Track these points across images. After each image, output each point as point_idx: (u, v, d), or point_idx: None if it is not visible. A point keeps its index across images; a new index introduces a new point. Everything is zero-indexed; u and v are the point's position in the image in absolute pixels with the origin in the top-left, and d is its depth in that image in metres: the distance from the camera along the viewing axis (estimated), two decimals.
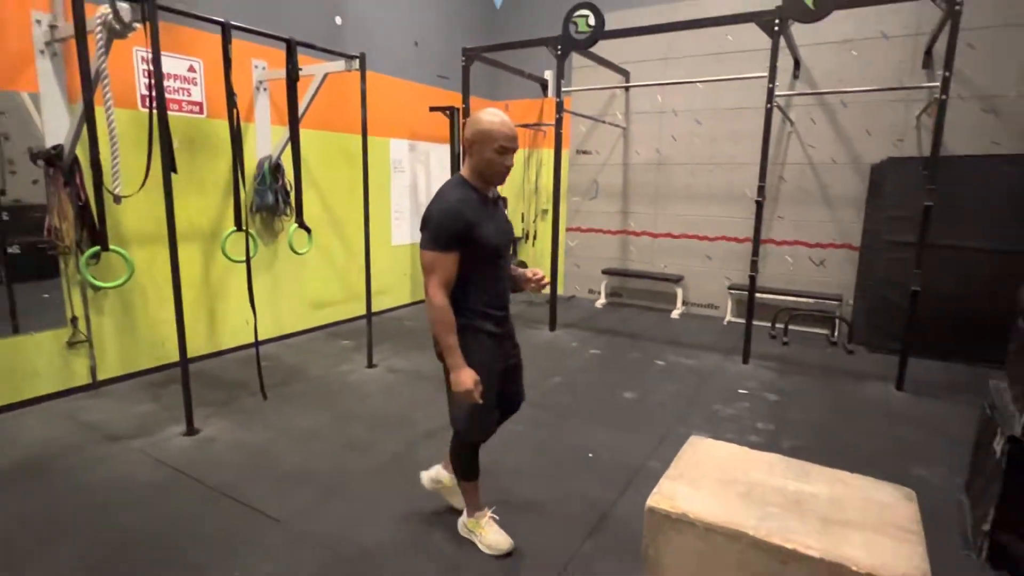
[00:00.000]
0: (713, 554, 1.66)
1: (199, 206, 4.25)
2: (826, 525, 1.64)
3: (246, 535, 2.30)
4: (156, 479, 2.71)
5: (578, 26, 4.70)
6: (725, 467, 1.96)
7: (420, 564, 2.16)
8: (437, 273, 1.86)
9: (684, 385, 4.10)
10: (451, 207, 1.85)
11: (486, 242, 1.90)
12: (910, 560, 1.51)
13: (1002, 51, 4.68)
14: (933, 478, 2.87)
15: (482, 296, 1.97)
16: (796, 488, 1.83)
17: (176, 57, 3.99)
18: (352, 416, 3.48)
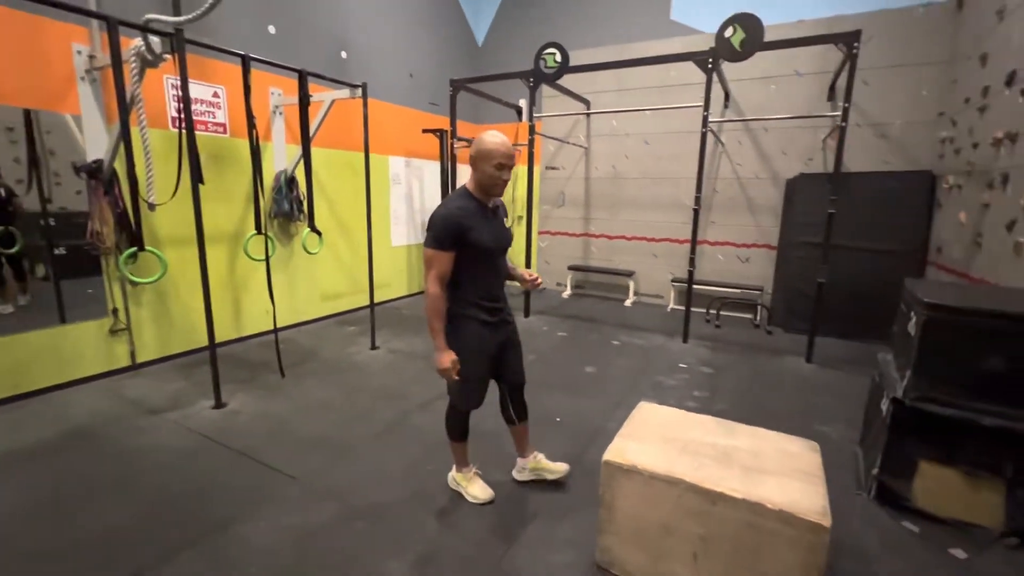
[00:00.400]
0: (656, 496, 1.70)
1: (224, 213, 4.15)
2: (747, 472, 1.70)
3: (268, 491, 2.28)
4: (189, 445, 2.66)
5: (547, 62, 4.70)
6: (668, 427, 2.01)
7: (418, 512, 2.16)
8: (434, 267, 1.89)
9: (635, 360, 4.16)
10: (450, 213, 1.87)
11: (480, 244, 1.90)
12: (812, 499, 1.57)
13: (890, 87, 4.81)
14: (833, 434, 2.96)
15: (476, 290, 1.97)
16: (724, 443, 1.88)
17: (202, 84, 3.88)
18: (358, 390, 3.45)
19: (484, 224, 1.93)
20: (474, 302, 1.97)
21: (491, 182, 1.90)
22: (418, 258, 6.59)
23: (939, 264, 4.23)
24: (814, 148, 5.25)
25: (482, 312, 1.99)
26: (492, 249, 1.95)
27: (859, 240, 4.71)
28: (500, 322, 2.07)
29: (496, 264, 2.02)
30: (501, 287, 2.08)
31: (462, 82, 5.34)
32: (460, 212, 1.88)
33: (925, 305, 2.06)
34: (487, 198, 1.97)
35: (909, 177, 4.62)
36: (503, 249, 2.02)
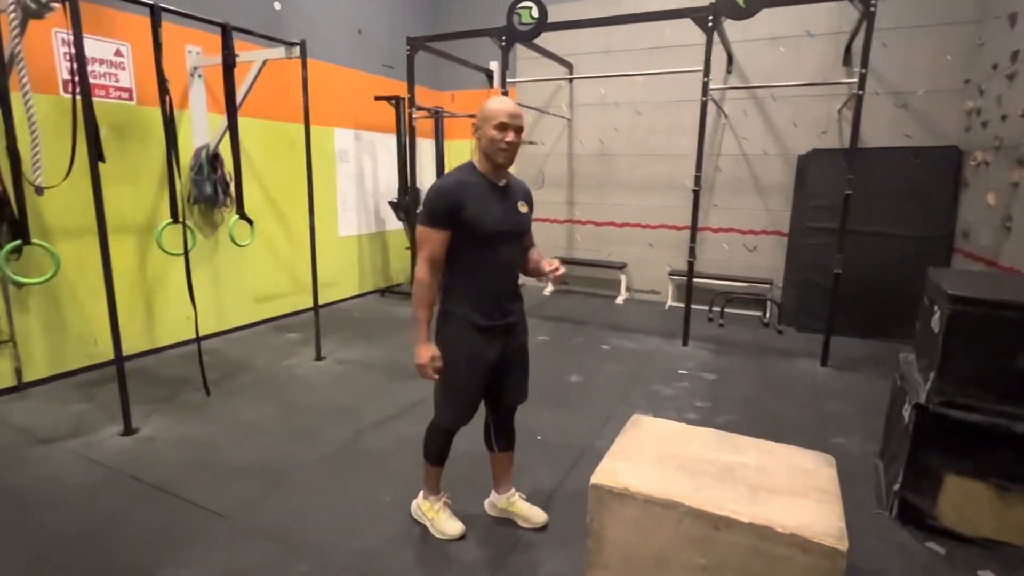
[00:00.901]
0: (652, 523, 1.73)
1: (132, 197, 4.02)
2: (754, 492, 1.73)
3: (189, 531, 2.22)
4: (91, 480, 2.57)
5: (522, 17, 4.69)
6: (663, 443, 2.04)
7: (373, 550, 2.14)
8: (425, 248, 1.90)
9: (627, 367, 4.21)
10: (445, 185, 1.88)
11: (478, 226, 1.87)
12: (828, 519, 1.61)
13: (912, 50, 4.98)
14: (851, 445, 3.06)
15: (471, 283, 1.94)
16: (727, 459, 1.92)
17: (101, 40, 3.74)
18: (299, 408, 3.40)
19: (487, 203, 1.90)
20: (468, 298, 1.95)
21: (493, 146, 1.87)
22: (371, 251, 6.52)
23: (966, 251, 4.40)
24: (829, 120, 5.40)
25: (476, 312, 1.95)
26: (493, 233, 1.90)
27: (879, 225, 4.87)
28: (502, 328, 2.00)
29: (500, 254, 1.95)
30: (508, 283, 2.01)
31: (421, 40, 5.30)
32: (457, 185, 1.88)
33: (949, 298, 2.15)
34: (495, 173, 1.95)
35: (934, 153, 4.80)
36: (512, 236, 1.97)
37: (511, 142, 1.87)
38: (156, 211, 4.15)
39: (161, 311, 4.29)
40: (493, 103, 1.88)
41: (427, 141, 6.68)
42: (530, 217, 2.05)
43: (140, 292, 4.15)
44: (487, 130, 1.87)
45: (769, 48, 5.51)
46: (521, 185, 2.07)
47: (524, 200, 2.03)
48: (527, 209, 2.03)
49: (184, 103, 4.32)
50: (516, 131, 1.88)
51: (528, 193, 2.09)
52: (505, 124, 1.85)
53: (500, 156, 1.88)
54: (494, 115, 1.86)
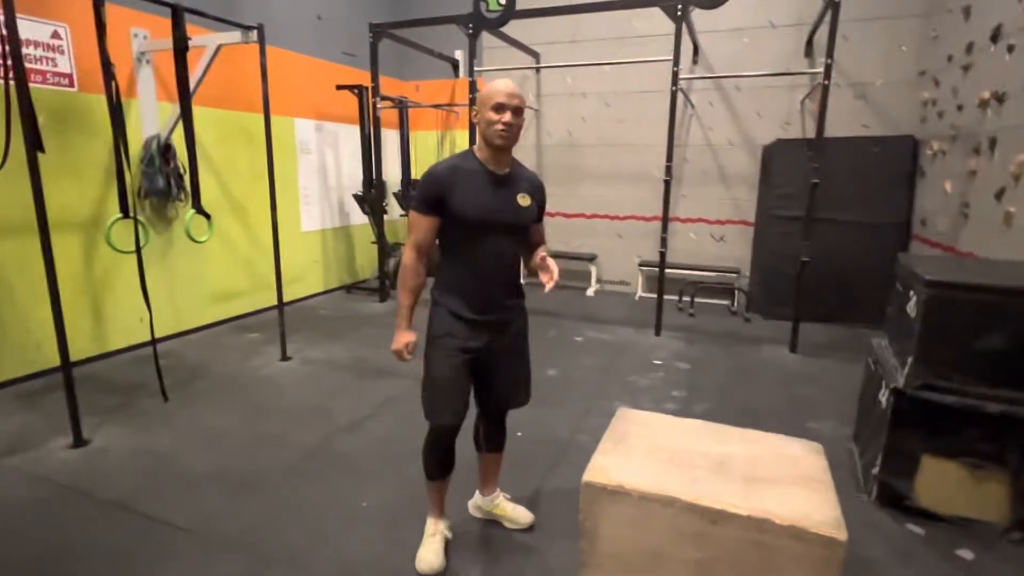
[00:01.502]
0: (648, 520, 1.68)
1: (76, 191, 3.74)
2: (748, 483, 1.70)
3: (151, 550, 2.06)
4: (39, 498, 2.37)
5: (488, 4, 4.58)
6: (653, 436, 1.99)
7: (349, 557, 2.03)
8: (413, 233, 1.87)
9: (602, 359, 4.19)
10: (436, 170, 1.82)
11: (462, 215, 1.79)
12: (823, 508, 1.59)
13: (868, 42, 5.09)
14: (824, 429, 3.10)
15: (459, 273, 1.88)
16: (718, 451, 1.89)
17: (36, 21, 3.45)
18: (265, 411, 3.23)
19: (478, 191, 1.81)
20: (455, 288, 1.89)
21: (490, 130, 1.77)
22: (336, 246, 6.31)
23: (923, 238, 4.54)
24: (791, 110, 5.48)
25: (462, 303, 1.88)
26: (478, 223, 1.81)
27: (838, 213, 4.97)
28: (491, 323, 1.90)
29: (490, 245, 1.85)
30: (500, 277, 1.91)
31: (385, 27, 5.13)
32: (449, 171, 1.81)
33: (926, 283, 2.17)
34: (496, 160, 1.85)
35: (891, 142, 4.93)
36: (505, 229, 1.85)
37: (509, 123, 1.76)
38: (103, 206, 3.88)
39: (111, 313, 4.02)
40: (490, 84, 1.81)
41: (392, 132, 6.49)
42: (533, 211, 1.91)
43: (87, 293, 3.88)
44: (485, 112, 1.79)
45: (733, 39, 5.55)
46: (529, 177, 1.96)
47: (529, 192, 1.91)
48: (529, 202, 1.89)
49: (131, 91, 4.04)
50: (515, 112, 1.77)
51: (538, 186, 1.97)
52: (502, 104, 1.75)
53: (497, 139, 1.78)
54: (491, 95, 1.77)
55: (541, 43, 6.19)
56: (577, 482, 1.70)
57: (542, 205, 1.99)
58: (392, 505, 2.35)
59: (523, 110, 1.81)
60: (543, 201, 1.99)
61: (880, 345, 2.74)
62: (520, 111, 1.79)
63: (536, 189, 1.95)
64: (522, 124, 1.82)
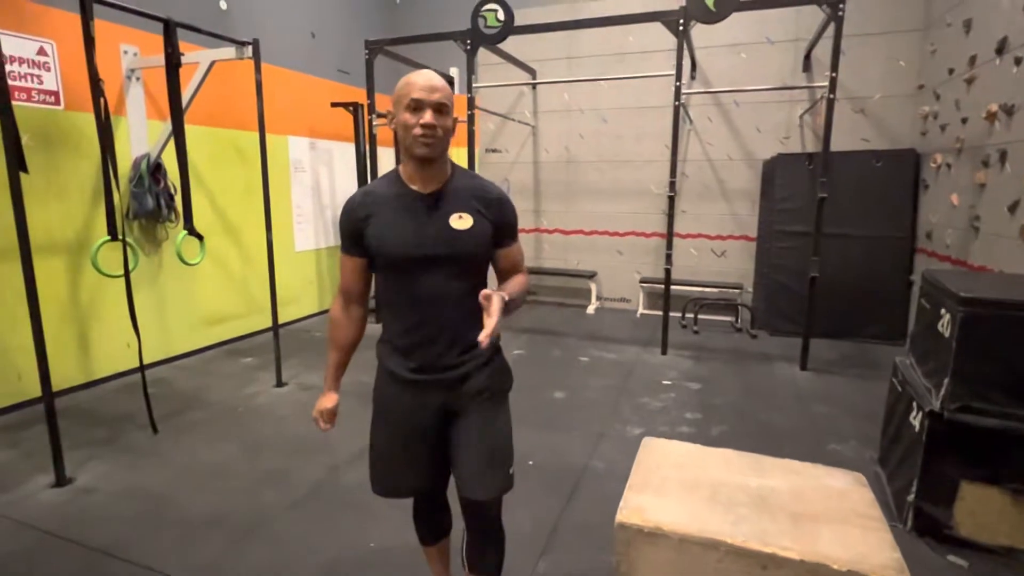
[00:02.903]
0: (690, 565, 1.55)
1: (61, 213, 3.59)
2: (796, 521, 1.59)
3: None
4: (19, 547, 2.18)
5: (487, 20, 4.52)
6: (684, 468, 1.87)
7: None
8: (341, 277, 1.57)
9: (610, 380, 4.07)
10: (350, 200, 1.48)
11: (381, 251, 1.43)
12: (881, 549, 1.48)
13: (865, 57, 5.10)
14: (847, 451, 3.00)
15: (393, 323, 1.52)
16: (757, 484, 1.77)
17: (20, 37, 3.32)
18: (264, 444, 3.07)
19: (396, 218, 1.42)
20: (391, 342, 1.53)
21: (408, 135, 1.35)
22: (331, 266, 6.16)
23: (930, 251, 4.50)
24: (790, 125, 5.47)
25: (399, 360, 1.50)
26: (402, 259, 1.42)
27: (841, 227, 4.93)
28: (438, 383, 1.49)
29: (424, 285, 1.43)
30: (443, 324, 1.46)
31: (381, 44, 5.05)
32: (362, 199, 1.46)
33: (962, 300, 2.08)
34: (421, 176, 1.42)
35: (892, 156, 4.91)
36: (437, 262, 1.42)
37: (430, 123, 1.33)
38: (90, 228, 3.73)
39: (97, 339, 3.84)
40: (405, 80, 1.38)
41: (387, 150, 6.40)
42: (479, 234, 1.44)
43: (72, 319, 3.70)
44: (399, 114, 1.37)
45: (731, 54, 5.55)
46: (477, 189, 1.48)
47: (469, 209, 1.44)
48: (471, 223, 1.42)
49: (120, 109, 3.91)
50: (437, 109, 1.34)
51: (493, 199, 1.48)
52: (419, 101, 1.33)
53: (418, 147, 1.35)
54: (404, 92, 1.35)
55: (538, 59, 6.15)
56: (596, 515, 1.59)
57: (503, 222, 1.50)
58: (401, 546, 2.20)
59: (450, 108, 1.38)
60: (503, 217, 1.50)
61: (906, 364, 2.65)
62: (445, 108, 1.36)
63: (489, 203, 1.47)
64: (451, 127, 1.39)
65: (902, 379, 2.60)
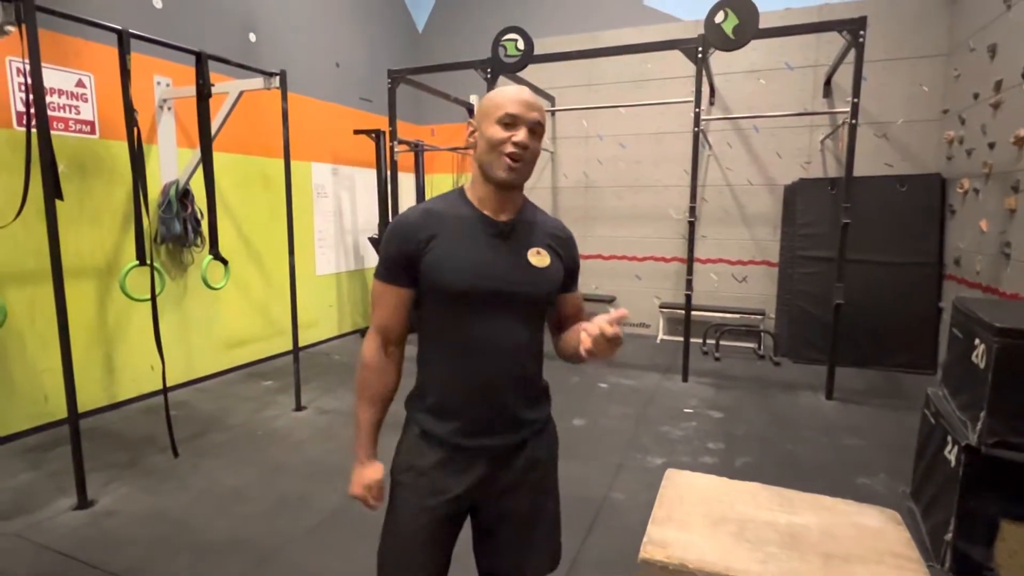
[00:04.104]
0: None
1: (92, 238, 3.69)
2: (828, 562, 1.53)
3: None
4: (39, 570, 2.19)
5: (507, 50, 4.61)
6: (709, 502, 1.82)
7: None
8: (376, 313, 1.26)
9: (630, 407, 4.00)
10: (404, 218, 1.23)
11: (446, 282, 1.18)
12: None
13: (890, 82, 5.08)
14: (877, 486, 2.90)
15: (441, 372, 1.24)
16: (786, 521, 1.71)
17: (61, 70, 3.47)
18: (283, 468, 3.06)
19: (468, 245, 1.19)
20: (435, 397, 1.25)
21: (492, 155, 1.17)
22: (351, 289, 6.22)
23: (959, 278, 4.39)
24: (811, 150, 5.44)
25: (444, 420, 1.23)
26: (470, 293, 1.18)
27: (867, 253, 4.85)
28: (486, 451, 1.24)
29: (491, 328, 1.21)
30: (510, 377, 1.24)
31: (403, 73, 5.17)
32: (424, 218, 1.21)
33: (997, 331, 2.02)
34: (497, 201, 1.23)
35: (917, 181, 4.85)
36: (513, 301, 1.21)
37: (523, 144, 1.16)
38: (118, 253, 3.82)
39: (121, 361, 3.91)
40: (498, 91, 1.21)
41: (407, 176, 6.50)
42: (555, 274, 1.27)
43: (98, 341, 3.78)
44: (487, 128, 1.18)
45: (750, 80, 5.56)
46: (551, 226, 1.32)
47: (545, 246, 1.26)
48: (549, 261, 1.25)
49: (152, 137, 4.04)
50: (532, 130, 1.18)
51: (565, 239, 1.33)
52: (516, 117, 1.16)
53: (503, 170, 1.17)
54: (498, 104, 1.17)
55: (556, 87, 6.24)
56: (616, 550, 1.54)
57: (574, 265, 1.36)
58: None
59: (543, 130, 1.21)
60: (574, 259, 1.36)
61: (939, 395, 2.56)
62: (540, 130, 1.20)
63: (562, 243, 1.32)
64: (539, 152, 1.22)
65: (935, 411, 2.51)
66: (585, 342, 1.09)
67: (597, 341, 1.08)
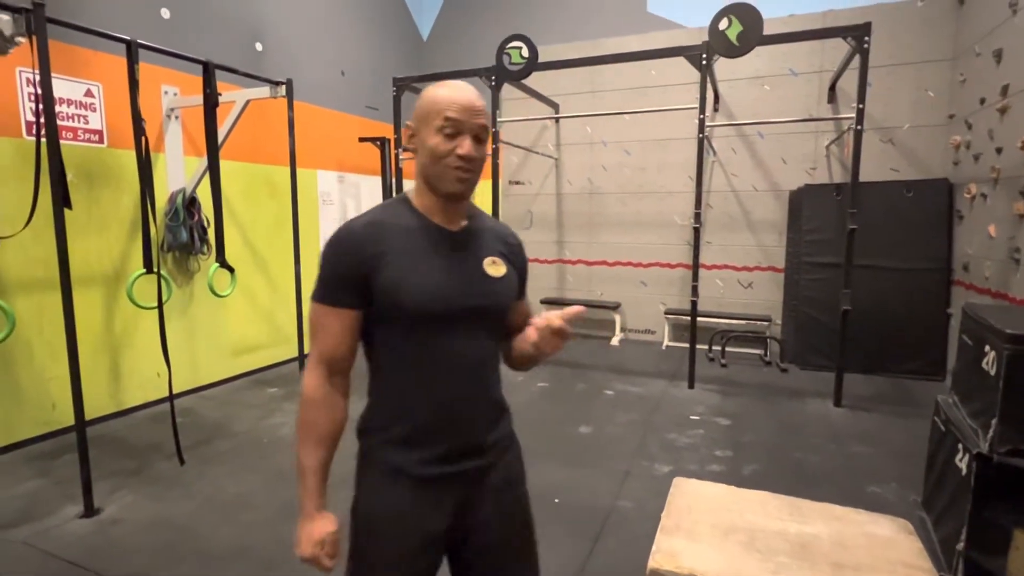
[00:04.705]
0: None
1: (99, 246, 3.71)
2: (840, 572, 1.51)
3: None
4: None
5: (512, 57, 4.63)
6: (718, 511, 1.81)
7: None
8: (316, 340, 1.12)
9: (636, 414, 3.98)
10: (347, 231, 1.10)
11: (403, 301, 1.07)
12: None
13: (895, 88, 5.06)
14: (888, 494, 2.87)
15: (402, 400, 1.12)
16: (797, 530, 1.70)
17: (70, 80, 3.50)
18: (287, 475, 3.06)
19: (423, 260, 1.10)
20: (396, 427, 1.13)
21: (437, 166, 1.08)
22: None
23: (967, 284, 4.36)
24: (816, 156, 5.42)
25: (409, 451, 1.11)
26: (434, 314, 1.09)
27: (874, 258, 4.83)
28: (463, 477, 1.14)
29: (454, 347, 1.11)
30: (474, 397, 1.16)
31: (408, 81, 5.19)
32: (368, 231, 1.10)
33: (1009, 338, 2.00)
34: (446, 211, 1.14)
35: (924, 186, 4.82)
36: (475, 316, 1.13)
37: (468, 157, 1.07)
38: (125, 261, 3.84)
39: (128, 369, 3.92)
40: (436, 90, 1.09)
41: (412, 183, 6.52)
42: (511, 283, 1.20)
43: (105, 349, 3.79)
44: (428, 136, 1.07)
45: (754, 86, 5.56)
46: (498, 231, 1.24)
47: (500, 255, 1.19)
48: (504, 270, 1.17)
49: (159, 146, 4.07)
50: (477, 138, 1.08)
51: (512, 243, 1.25)
52: (457, 124, 1.06)
53: (452, 183, 1.08)
54: (439, 110, 1.06)
55: (561, 94, 6.25)
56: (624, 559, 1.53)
57: (524, 271, 1.27)
58: None
59: (487, 133, 1.10)
60: (524, 264, 1.28)
61: (948, 403, 2.54)
62: (485, 134, 1.10)
63: (513, 250, 1.24)
64: (486, 157, 1.13)
65: (945, 418, 2.49)
66: (531, 335, 1.09)
67: (542, 333, 1.07)
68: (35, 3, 2.38)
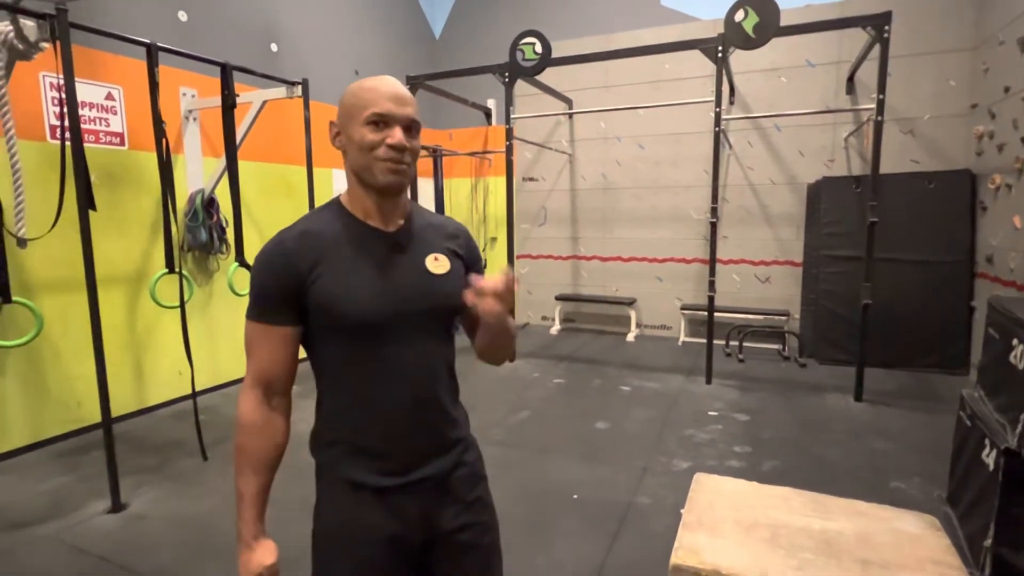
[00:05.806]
0: None
1: (121, 247, 3.77)
2: (865, 569, 1.49)
3: None
4: (74, 573, 2.24)
5: (525, 53, 4.61)
6: (740, 507, 1.79)
7: None
8: (251, 360, 1.09)
9: (653, 410, 3.96)
10: (278, 244, 1.06)
11: (340, 313, 1.03)
12: None
13: (916, 77, 4.97)
14: (912, 490, 2.83)
15: (352, 412, 1.09)
16: (821, 527, 1.68)
17: (92, 84, 3.55)
18: (309, 471, 3.07)
19: (365, 265, 1.06)
20: (345, 440, 1.10)
21: (366, 160, 1.04)
22: None
23: (992, 276, 4.27)
24: (835, 147, 5.34)
25: (360, 462, 1.09)
26: (381, 319, 1.05)
27: (895, 251, 4.75)
28: (418, 487, 1.10)
29: (400, 355, 1.08)
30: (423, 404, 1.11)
31: (422, 79, 5.20)
32: (300, 241, 1.05)
33: None
34: (379, 210, 1.09)
35: (946, 177, 4.73)
36: (416, 322, 1.09)
37: (399, 146, 1.03)
38: (147, 261, 3.90)
39: (151, 367, 3.98)
40: (360, 86, 1.06)
41: (426, 180, 6.54)
42: (456, 278, 1.13)
43: (129, 347, 3.86)
44: (354, 130, 1.04)
45: (770, 78, 5.49)
46: (440, 225, 1.20)
47: (445, 251, 1.15)
48: (448, 266, 1.13)
49: (178, 147, 4.12)
50: (407, 128, 1.05)
51: (457, 236, 1.20)
52: (386, 116, 1.02)
53: (382, 173, 1.04)
54: (365, 103, 1.03)
55: (574, 89, 6.22)
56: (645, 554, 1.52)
57: (474, 260, 1.21)
58: None
59: (419, 126, 1.08)
60: (472, 253, 1.22)
61: (974, 397, 2.49)
62: (416, 126, 1.07)
63: (460, 244, 1.19)
64: (419, 150, 1.10)
65: (971, 413, 2.44)
66: (469, 296, 1.01)
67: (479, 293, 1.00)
68: (58, 8, 2.42)
